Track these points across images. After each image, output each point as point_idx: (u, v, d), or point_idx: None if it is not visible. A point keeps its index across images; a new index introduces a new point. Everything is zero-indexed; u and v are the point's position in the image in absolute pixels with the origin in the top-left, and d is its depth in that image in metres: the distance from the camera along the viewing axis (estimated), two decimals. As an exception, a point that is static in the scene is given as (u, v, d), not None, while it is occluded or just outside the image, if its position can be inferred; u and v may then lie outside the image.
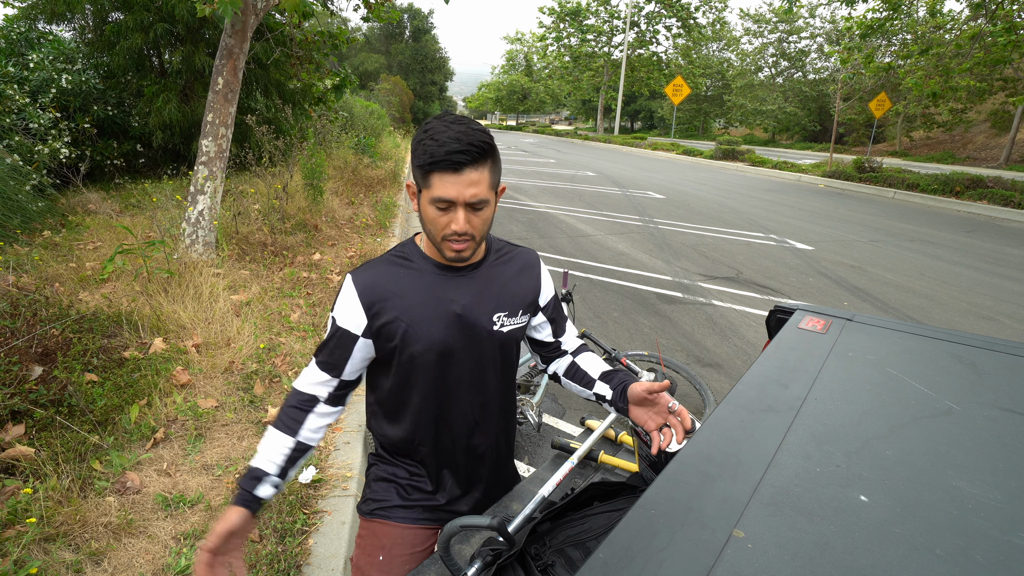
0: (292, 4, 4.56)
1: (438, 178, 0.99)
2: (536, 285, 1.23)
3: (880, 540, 0.63)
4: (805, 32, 33.25)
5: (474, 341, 1.13)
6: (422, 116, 37.21)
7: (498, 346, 1.17)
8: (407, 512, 1.21)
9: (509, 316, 1.17)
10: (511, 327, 1.17)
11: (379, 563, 1.19)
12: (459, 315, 1.11)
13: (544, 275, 1.26)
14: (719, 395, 3.44)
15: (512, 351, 1.21)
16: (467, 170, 0.99)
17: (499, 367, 1.19)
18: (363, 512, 1.25)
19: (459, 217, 1.01)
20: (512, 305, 1.17)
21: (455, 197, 1.00)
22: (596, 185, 13.36)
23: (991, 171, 15.74)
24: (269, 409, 2.75)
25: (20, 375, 2.36)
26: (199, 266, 4.13)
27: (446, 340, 1.11)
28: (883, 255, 7.25)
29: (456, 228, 1.02)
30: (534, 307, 1.23)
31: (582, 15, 37.24)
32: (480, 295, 1.14)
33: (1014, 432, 0.84)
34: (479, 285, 1.15)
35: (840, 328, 1.25)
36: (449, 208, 1.01)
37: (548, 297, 1.26)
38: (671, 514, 0.68)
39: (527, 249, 1.27)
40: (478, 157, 0.99)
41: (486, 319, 1.14)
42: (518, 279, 1.20)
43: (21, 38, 7.56)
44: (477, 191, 1.00)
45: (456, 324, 1.11)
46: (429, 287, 1.11)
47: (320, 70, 6.75)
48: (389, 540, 1.20)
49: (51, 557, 1.79)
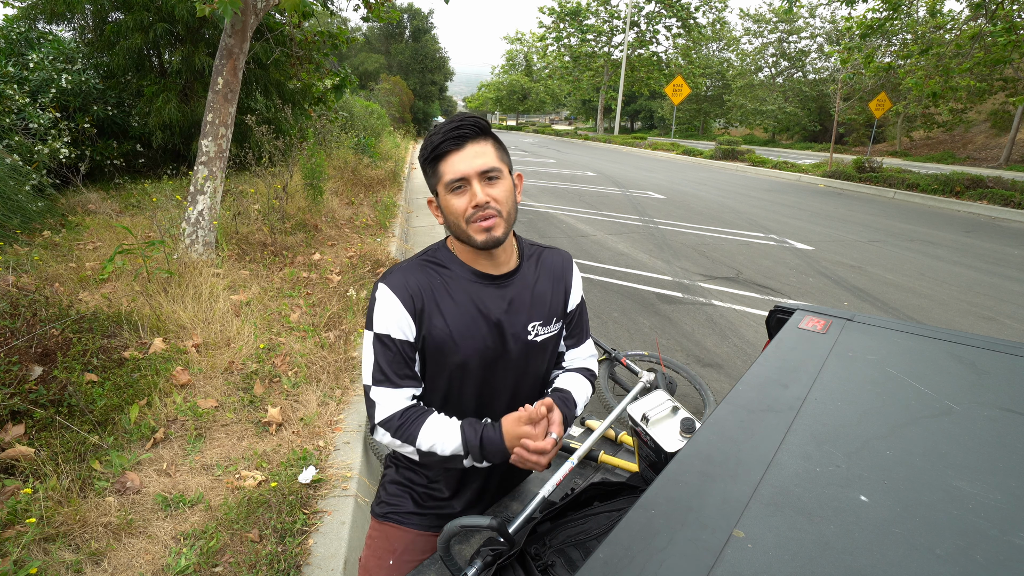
0: (292, 4, 4.56)
1: (446, 162, 1.02)
2: (567, 289, 1.21)
3: (880, 540, 0.63)
4: (805, 32, 33.26)
5: (510, 351, 1.12)
6: (422, 116, 37.22)
7: (533, 355, 1.16)
8: (421, 519, 1.21)
9: (543, 325, 1.16)
10: (545, 336, 1.16)
11: (388, 567, 1.19)
12: (497, 325, 1.10)
13: (575, 279, 1.24)
14: (719, 395, 3.44)
15: (546, 360, 1.20)
16: (469, 144, 1.02)
17: (532, 376, 1.18)
18: (376, 514, 1.25)
19: (476, 189, 1.01)
20: (546, 314, 1.16)
21: (465, 171, 1.01)
22: (596, 185, 13.36)
23: (991, 171, 15.74)
24: (269, 409, 2.76)
25: (20, 375, 2.36)
26: (199, 266, 4.12)
27: (485, 350, 1.09)
28: (883, 255, 7.25)
29: (476, 201, 1.01)
30: (565, 314, 1.22)
31: (582, 15, 37.25)
32: (516, 304, 1.12)
33: (1014, 432, 0.84)
34: (514, 294, 1.13)
35: (840, 328, 1.25)
36: (464, 186, 1.02)
37: (575, 303, 1.24)
38: (671, 514, 0.68)
39: (559, 251, 1.24)
40: (477, 132, 1.03)
41: (522, 329, 1.13)
42: (551, 287, 1.18)
43: (21, 38, 7.56)
44: (485, 160, 1.02)
45: (494, 334, 1.10)
46: (468, 296, 1.09)
47: (320, 70, 6.76)
48: (400, 545, 1.20)
49: (51, 557, 1.79)
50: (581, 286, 1.25)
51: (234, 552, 1.92)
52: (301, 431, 2.68)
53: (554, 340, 1.20)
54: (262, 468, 2.39)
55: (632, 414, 1.19)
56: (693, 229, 8.62)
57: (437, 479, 1.21)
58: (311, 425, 2.72)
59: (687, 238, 7.99)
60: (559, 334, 1.21)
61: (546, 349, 1.18)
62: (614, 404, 3.06)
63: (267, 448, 2.53)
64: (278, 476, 2.31)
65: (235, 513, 2.07)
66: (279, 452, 2.51)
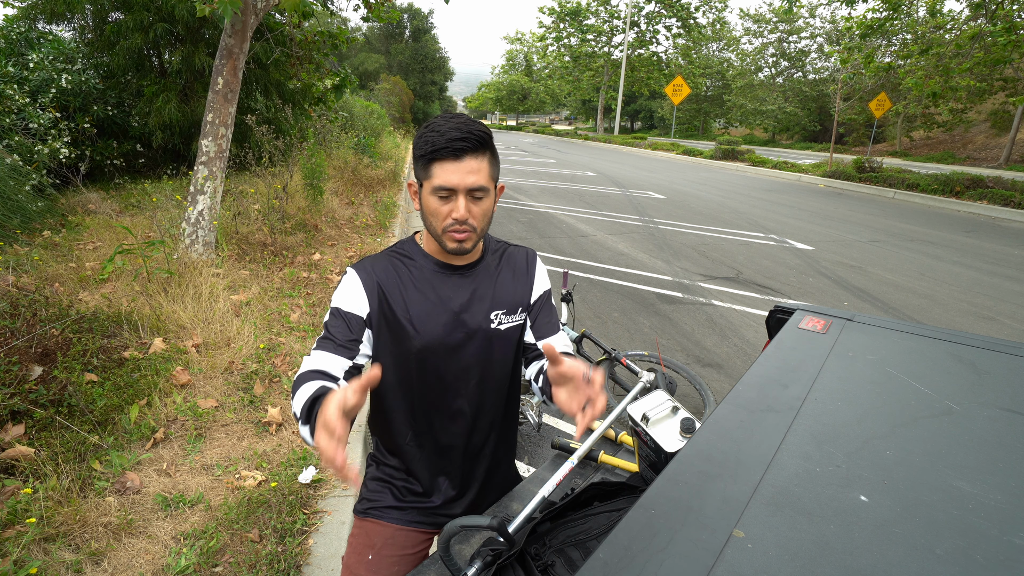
0: (292, 4, 4.56)
1: (439, 166, 1.03)
2: (531, 284, 1.24)
3: (880, 540, 0.63)
4: (805, 32, 33.24)
5: (473, 339, 1.14)
6: (422, 116, 37.20)
7: (497, 344, 1.17)
8: (401, 513, 1.21)
9: (507, 314, 1.18)
10: (508, 325, 1.18)
11: (367, 562, 1.19)
12: (458, 313, 1.13)
13: (539, 272, 1.26)
14: (719, 395, 3.44)
15: (511, 349, 1.21)
16: (467, 158, 1.02)
17: (496, 365, 1.19)
18: (357, 511, 1.25)
19: (460, 204, 1.03)
20: (510, 303, 1.19)
21: (456, 184, 1.02)
22: (596, 185, 13.36)
23: (991, 171, 15.73)
24: (269, 409, 2.75)
25: (20, 375, 2.36)
26: (199, 266, 4.12)
27: (446, 338, 1.12)
28: (883, 255, 7.25)
29: (457, 216, 1.04)
30: (529, 306, 1.24)
31: (582, 15, 37.24)
32: (478, 293, 1.15)
33: (1014, 432, 0.84)
34: (477, 283, 1.16)
35: (840, 328, 1.25)
36: (450, 196, 1.04)
37: (539, 293, 1.25)
38: (671, 514, 0.68)
39: (525, 248, 1.28)
40: (478, 146, 1.03)
41: (483, 317, 1.15)
42: (515, 278, 1.21)
43: (21, 38, 7.56)
44: (477, 178, 1.03)
45: (455, 322, 1.12)
46: (430, 285, 1.13)
47: (320, 70, 6.75)
48: (380, 540, 1.20)
49: (51, 557, 1.79)
50: (547, 279, 1.28)
51: (234, 552, 1.92)
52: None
53: (518, 330, 1.21)
54: (262, 468, 2.39)
55: (632, 414, 1.19)
56: (693, 229, 8.62)
57: (412, 473, 1.21)
58: (311, 425, 2.72)
59: (687, 238, 7.99)
60: (523, 324, 1.22)
61: (510, 339, 1.19)
62: (614, 404, 3.06)
63: (267, 448, 2.53)
64: (278, 476, 2.31)
65: (235, 513, 2.07)
66: (279, 452, 2.51)
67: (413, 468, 1.21)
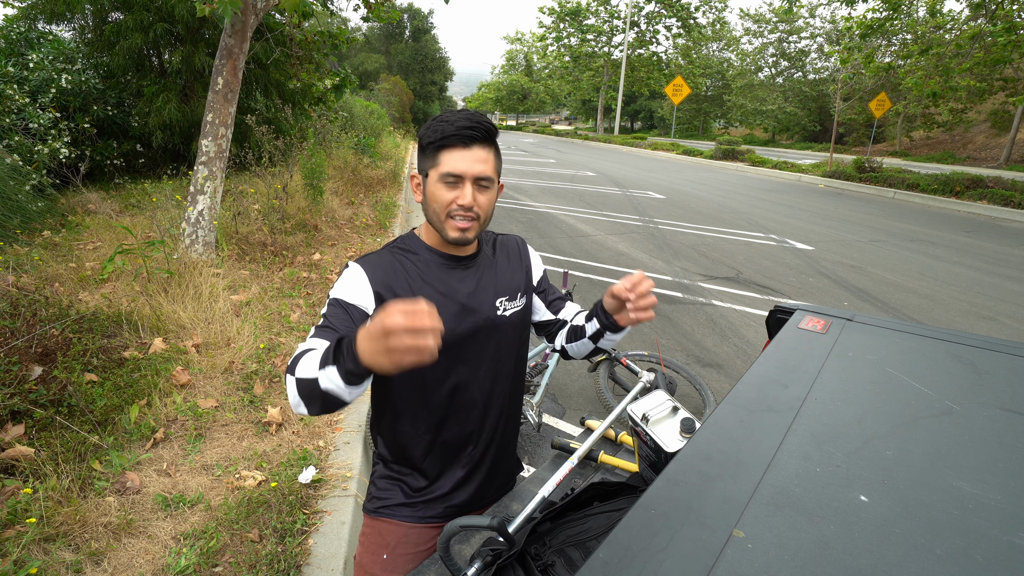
0: (292, 4, 4.56)
1: (448, 154, 1.05)
2: (528, 266, 1.28)
3: (880, 540, 0.63)
4: (805, 32, 33.24)
5: (480, 329, 1.16)
6: (422, 116, 37.19)
7: (504, 330, 1.20)
8: (412, 510, 1.21)
9: (510, 300, 1.21)
10: (512, 310, 1.21)
11: (383, 561, 1.19)
12: (465, 304, 1.14)
13: (533, 255, 1.31)
14: (719, 395, 3.44)
15: (517, 334, 1.24)
16: (476, 147, 1.05)
17: (504, 351, 1.21)
18: (368, 510, 1.25)
19: (467, 191, 1.05)
20: (511, 289, 1.22)
21: (464, 171, 1.05)
22: (596, 185, 13.36)
23: (991, 171, 15.73)
24: (269, 409, 2.75)
25: (20, 375, 2.36)
26: (199, 266, 4.12)
27: (454, 330, 1.12)
28: (883, 255, 7.25)
29: (463, 202, 1.05)
30: (529, 288, 1.28)
31: (582, 15, 37.23)
32: (482, 283, 1.18)
33: (1014, 432, 0.84)
34: (480, 273, 1.19)
35: (840, 328, 1.25)
36: (457, 183, 1.06)
37: (539, 275, 1.31)
38: (671, 514, 0.68)
39: (512, 235, 1.33)
40: (486, 136, 1.06)
41: (489, 306, 1.17)
42: (511, 264, 1.25)
43: (21, 38, 7.56)
44: (484, 168, 1.06)
45: (464, 312, 1.14)
46: (437, 277, 1.14)
47: (320, 70, 6.76)
48: (393, 539, 1.20)
49: (51, 557, 1.79)
50: (540, 260, 1.34)
51: (234, 552, 1.92)
52: (301, 431, 2.68)
53: (522, 314, 1.25)
54: (262, 468, 2.39)
55: (632, 414, 1.19)
56: (693, 229, 8.62)
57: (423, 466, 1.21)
58: (311, 425, 2.72)
59: (687, 238, 7.99)
60: (524, 308, 1.25)
61: (515, 324, 1.22)
62: (614, 404, 3.06)
63: (267, 448, 2.53)
64: (278, 476, 2.31)
65: (235, 513, 2.07)
66: (279, 452, 2.51)
67: (424, 462, 1.21)
